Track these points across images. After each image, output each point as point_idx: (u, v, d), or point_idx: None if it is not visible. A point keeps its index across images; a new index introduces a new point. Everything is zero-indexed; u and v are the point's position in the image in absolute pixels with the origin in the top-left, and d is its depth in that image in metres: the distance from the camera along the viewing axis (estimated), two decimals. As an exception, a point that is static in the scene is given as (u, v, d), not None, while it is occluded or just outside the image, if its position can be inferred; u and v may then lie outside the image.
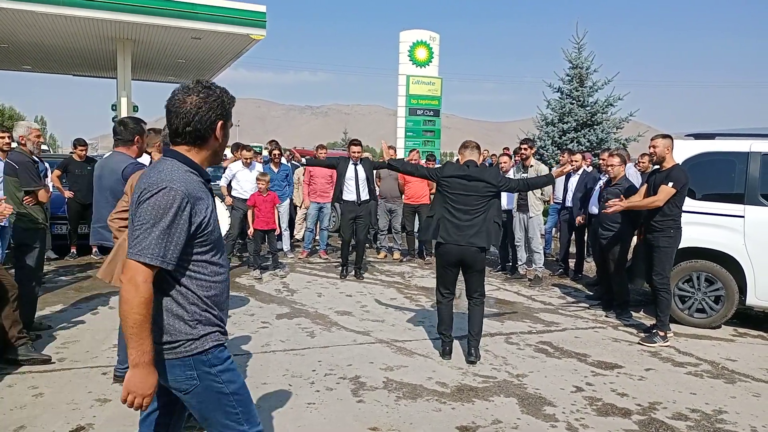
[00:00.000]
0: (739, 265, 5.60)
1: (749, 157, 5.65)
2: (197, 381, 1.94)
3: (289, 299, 6.51)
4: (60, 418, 3.47)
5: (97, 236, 4.08)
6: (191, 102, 1.94)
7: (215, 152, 2.04)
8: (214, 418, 2.00)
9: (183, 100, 1.94)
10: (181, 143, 1.98)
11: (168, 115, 1.97)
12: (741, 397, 4.15)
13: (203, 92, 1.95)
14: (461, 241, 4.54)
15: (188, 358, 1.92)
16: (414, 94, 13.91)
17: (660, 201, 5.13)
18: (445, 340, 4.79)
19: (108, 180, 3.94)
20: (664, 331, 5.28)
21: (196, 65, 15.51)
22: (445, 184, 4.66)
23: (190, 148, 1.98)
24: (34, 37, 12.41)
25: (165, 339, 1.91)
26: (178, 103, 1.95)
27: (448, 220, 4.60)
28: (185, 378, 1.94)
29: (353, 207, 7.57)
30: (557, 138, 14.40)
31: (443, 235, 4.59)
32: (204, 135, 1.97)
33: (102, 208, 3.97)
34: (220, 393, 1.98)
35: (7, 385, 3.93)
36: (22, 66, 16.74)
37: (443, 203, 4.66)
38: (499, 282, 7.81)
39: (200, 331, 1.94)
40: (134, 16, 10.80)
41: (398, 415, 3.66)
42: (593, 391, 4.15)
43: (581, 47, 14.78)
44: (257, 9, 11.68)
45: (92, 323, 5.40)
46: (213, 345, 1.96)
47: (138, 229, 1.81)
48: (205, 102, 1.95)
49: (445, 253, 4.64)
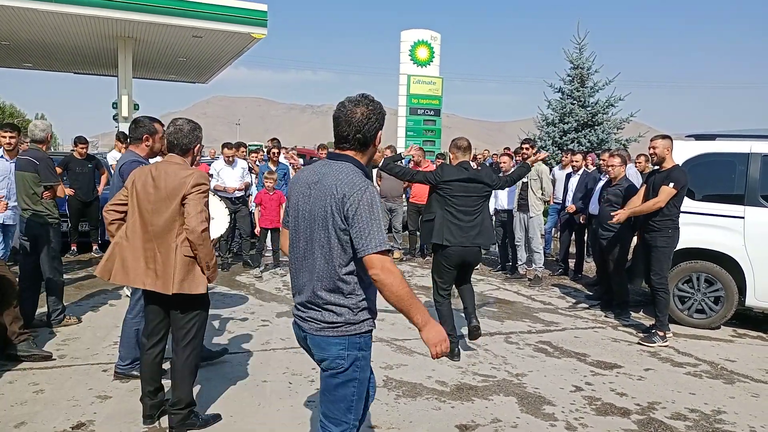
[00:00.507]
0: (738, 266, 5.61)
1: (749, 158, 5.66)
2: (345, 361, 2.20)
3: (289, 298, 6.53)
4: (60, 414, 3.48)
5: None
6: (361, 113, 2.23)
7: (371, 156, 2.34)
8: (338, 398, 2.24)
9: (353, 111, 2.23)
10: (349, 148, 2.27)
11: (338, 123, 2.26)
12: (740, 397, 4.16)
13: (370, 105, 2.25)
14: (466, 242, 4.61)
15: (345, 337, 2.19)
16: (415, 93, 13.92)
17: (661, 202, 5.14)
18: (452, 340, 4.78)
19: (116, 177, 4.03)
20: (664, 331, 5.29)
21: (197, 64, 15.53)
22: (446, 187, 4.66)
23: (356, 153, 2.27)
24: (36, 34, 12.42)
25: (332, 319, 2.19)
26: (349, 113, 2.23)
27: (451, 222, 4.62)
28: (337, 356, 2.20)
29: None
30: (558, 138, 14.41)
31: (448, 238, 4.61)
32: (367, 141, 2.26)
33: None
34: (354, 377, 2.24)
35: (8, 382, 3.94)
36: (23, 63, 16.75)
37: (444, 206, 4.66)
38: (498, 282, 7.82)
39: (360, 316, 2.21)
40: (135, 14, 10.80)
41: (398, 414, 3.67)
42: (592, 391, 4.16)
43: (582, 47, 14.79)
44: (258, 8, 11.68)
45: (93, 320, 5.41)
46: (367, 329, 2.25)
47: (365, 227, 2.08)
48: (373, 113, 2.25)
49: (450, 255, 4.65)
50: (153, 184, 3.15)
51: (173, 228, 3.13)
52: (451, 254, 4.64)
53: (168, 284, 3.10)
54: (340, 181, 2.14)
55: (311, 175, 2.26)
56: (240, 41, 12.54)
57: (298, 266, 2.30)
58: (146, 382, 3.36)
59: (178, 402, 3.27)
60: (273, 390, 3.96)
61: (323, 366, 2.25)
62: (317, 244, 2.20)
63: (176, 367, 3.28)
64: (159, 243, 3.14)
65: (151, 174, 3.18)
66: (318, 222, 2.19)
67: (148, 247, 3.16)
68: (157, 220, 3.14)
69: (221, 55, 14.24)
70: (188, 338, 3.26)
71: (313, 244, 2.22)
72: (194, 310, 3.25)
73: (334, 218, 2.13)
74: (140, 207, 3.18)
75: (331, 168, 2.20)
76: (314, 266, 2.21)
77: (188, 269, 3.13)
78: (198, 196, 3.11)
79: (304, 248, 2.26)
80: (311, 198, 2.22)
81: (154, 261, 3.15)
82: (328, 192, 2.15)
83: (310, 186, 2.24)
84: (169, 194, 3.11)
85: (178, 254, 3.11)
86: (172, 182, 3.11)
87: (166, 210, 3.12)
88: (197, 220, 3.08)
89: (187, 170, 3.17)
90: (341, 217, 2.12)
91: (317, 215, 2.19)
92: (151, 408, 3.37)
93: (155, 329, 3.34)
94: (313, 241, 2.22)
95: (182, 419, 3.27)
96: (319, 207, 2.18)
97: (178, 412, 3.26)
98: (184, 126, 3.28)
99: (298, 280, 2.30)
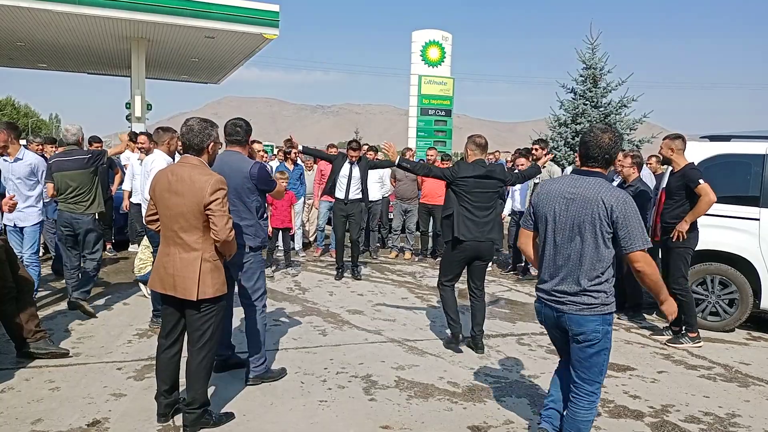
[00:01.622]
0: (753, 269, 5.56)
1: (765, 159, 5.60)
2: (599, 334, 2.82)
3: (300, 297, 6.55)
4: (76, 411, 3.52)
5: None
6: (609, 138, 2.86)
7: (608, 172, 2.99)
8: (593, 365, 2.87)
9: (602, 137, 2.86)
10: (597, 166, 2.88)
11: (588, 146, 2.88)
12: (755, 400, 4.12)
13: (615, 133, 2.88)
14: (481, 237, 4.74)
15: (600, 316, 2.81)
16: (426, 94, 13.89)
17: (711, 195, 5.00)
18: (456, 327, 4.91)
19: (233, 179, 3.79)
20: (695, 332, 5.23)
21: (209, 64, 15.63)
22: (462, 183, 4.75)
23: (603, 169, 2.90)
24: (51, 35, 12.56)
25: (590, 302, 2.80)
26: (599, 139, 2.85)
27: (467, 218, 4.73)
28: (593, 330, 2.81)
29: (341, 205, 7.45)
30: (570, 139, 14.31)
31: (464, 233, 4.72)
32: (612, 161, 2.91)
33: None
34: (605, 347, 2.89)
35: (24, 379, 3.99)
36: (38, 64, 16.94)
37: (460, 202, 4.76)
38: (510, 283, 7.79)
39: (611, 299, 2.84)
40: (149, 15, 10.90)
41: (410, 414, 3.67)
42: (605, 393, 4.13)
43: (595, 48, 14.68)
44: (270, 8, 11.74)
45: (107, 319, 5.46)
46: (614, 309, 2.87)
47: (633, 230, 2.71)
48: (619, 139, 2.90)
49: (464, 249, 4.78)
50: (170, 188, 3.16)
51: (193, 234, 3.16)
52: (466, 248, 4.77)
53: (190, 291, 3.14)
54: (603, 194, 2.75)
55: (566, 189, 2.87)
56: (252, 42, 12.61)
57: (558, 262, 2.88)
58: (162, 381, 3.39)
59: (193, 402, 3.29)
60: (285, 389, 3.98)
61: (580, 339, 2.85)
62: (585, 245, 2.79)
63: (191, 368, 3.31)
64: (179, 248, 3.18)
65: (168, 178, 3.19)
66: (584, 226, 2.78)
67: (169, 252, 3.20)
68: (176, 225, 3.16)
69: (233, 56, 14.32)
70: (203, 340, 3.28)
71: (576, 244, 2.81)
72: (210, 312, 3.27)
73: (601, 223, 2.74)
74: (161, 213, 3.22)
75: (586, 182, 2.83)
76: (578, 261, 2.81)
77: (209, 275, 3.17)
78: (220, 205, 3.12)
79: (568, 248, 2.84)
80: (571, 207, 2.82)
81: (173, 266, 3.18)
82: (594, 202, 2.75)
83: (568, 198, 2.84)
84: (187, 201, 3.12)
85: (199, 260, 3.15)
86: (190, 188, 3.12)
87: (185, 217, 3.14)
88: (225, 232, 3.14)
89: (203, 175, 3.16)
90: (608, 222, 2.73)
91: (583, 221, 2.78)
92: (165, 407, 3.40)
93: (172, 330, 3.36)
94: (576, 241, 2.81)
95: (196, 418, 3.29)
96: (584, 215, 2.77)
97: (193, 412, 3.29)
98: (195, 125, 3.26)
99: (557, 272, 2.89)
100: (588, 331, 2.81)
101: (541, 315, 3.04)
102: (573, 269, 2.82)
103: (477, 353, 4.84)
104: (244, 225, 3.90)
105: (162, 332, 3.40)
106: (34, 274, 5.24)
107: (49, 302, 5.91)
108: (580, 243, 2.80)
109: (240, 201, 3.88)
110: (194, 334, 3.29)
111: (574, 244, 2.82)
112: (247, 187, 3.89)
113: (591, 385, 2.90)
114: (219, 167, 3.86)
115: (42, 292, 6.16)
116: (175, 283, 3.17)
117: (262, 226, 4.04)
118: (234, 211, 3.87)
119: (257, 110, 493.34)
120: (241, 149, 4.03)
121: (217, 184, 3.14)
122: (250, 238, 3.95)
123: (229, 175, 3.82)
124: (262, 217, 4.04)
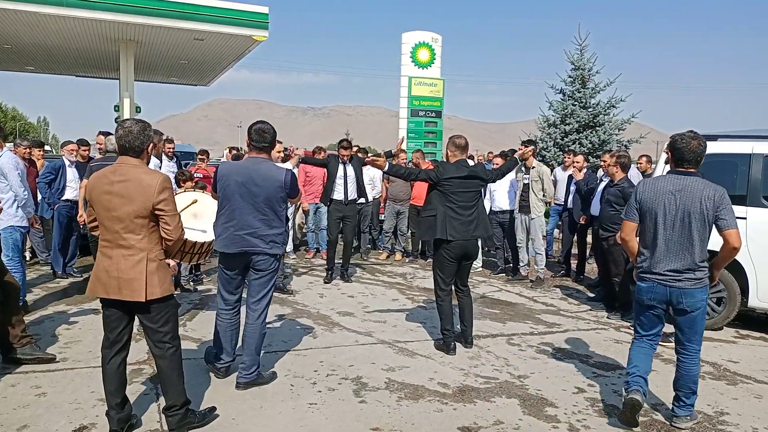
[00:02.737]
0: (741, 267, 5.60)
1: (751, 158, 5.65)
2: (704, 302, 3.51)
3: (290, 300, 6.52)
4: (63, 417, 3.48)
5: (242, 243, 3.88)
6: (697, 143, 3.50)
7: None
8: (699, 327, 3.56)
9: (691, 143, 3.49)
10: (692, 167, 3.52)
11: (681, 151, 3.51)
12: (743, 398, 4.15)
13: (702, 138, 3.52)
14: (467, 236, 4.82)
15: (704, 287, 3.49)
16: (416, 95, 13.90)
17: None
18: (450, 335, 4.91)
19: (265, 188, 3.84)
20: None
21: (198, 66, 15.54)
22: (447, 185, 4.81)
23: (696, 169, 3.54)
24: (37, 38, 12.44)
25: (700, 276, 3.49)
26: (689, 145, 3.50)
27: (452, 217, 4.78)
28: (701, 299, 3.48)
29: (341, 207, 7.42)
30: (559, 139, 14.38)
31: (452, 233, 4.77)
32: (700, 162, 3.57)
33: (248, 214, 3.85)
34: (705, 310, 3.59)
35: (10, 385, 3.94)
36: (25, 67, 16.78)
37: (445, 202, 4.81)
38: (500, 283, 7.81)
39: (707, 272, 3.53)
40: (137, 17, 10.81)
41: (400, 416, 3.67)
42: (595, 393, 4.15)
43: (583, 48, 14.77)
44: (259, 10, 11.69)
45: (95, 323, 5.40)
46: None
47: (731, 214, 3.41)
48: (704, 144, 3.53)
49: (453, 249, 4.83)
50: (112, 190, 3.04)
51: (138, 235, 3.05)
52: (454, 248, 4.82)
53: (138, 293, 3.04)
54: (708, 189, 3.42)
55: (671, 187, 3.49)
56: (241, 43, 12.55)
57: (671, 247, 3.48)
58: (112, 394, 3.21)
59: (174, 405, 3.24)
60: (275, 392, 3.96)
61: (690, 308, 3.48)
62: (694, 231, 3.42)
63: (164, 372, 3.23)
64: (123, 250, 3.06)
65: (109, 180, 3.06)
66: (694, 216, 3.41)
67: (112, 255, 3.07)
68: (119, 226, 3.05)
69: (223, 58, 14.25)
70: (167, 339, 3.23)
71: (688, 231, 3.43)
72: (163, 312, 3.19)
73: (708, 213, 3.39)
74: (101, 215, 3.09)
75: (690, 180, 3.47)
76: (690, 245, 3.44)
77: (155, 275, 3.08)
78: (170, 204, 3.07)
79: (679, 234, 3.46)
80: (679, 201, 3.45)
81: (117, 269, 3.06)
82: (701, 196, 3.40)
83: (674, 193, 3.46)
84: (134, 201, 3.02)
85: (145, 261, 3.05)
86: (136, 189, 3.02)
87: (130, 218, 3.03)
88: (178, 231, 3.09)
89: (148, 174, 3.09)
90: (713, 211, 3.38)
91: (693, 212, 3.41)
92: (118, 422, 3.22)
93: (118, 337, 3.22)
94: (688, 229, 3.43)
95: (180, 419, 3.26)
96: (693, 206, 3.41)
97: (176, 413, 3.25)
98: (134, 127, 3.12)
99: (670, 255, 3.48)
100: (698, 300, 3.47)
101: (650, 293, 3.57)
102: (685, 251, 3.45)
103: (465, 347, 4.93)
104: (274, 233, 3.88)
105: (106, 342, 3.24)
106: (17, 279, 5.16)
107: (35, 307, 5.85)
108: (689, 229, 3.43)
109: (271, 210, 3.86)
110: (155, 336, 3.21)
111: (684, 231, 3.45)
112: (279, 196, 3.87)
113: (698, 344, 3.59)
114: (248, 175, 3.85)
115: (29, 296, 6.09)
116: (121, 286, 3.05)
117: (288, 233, 4.01)
118: (264, 220, 3.86)
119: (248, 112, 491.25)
120: (267, 156, 3.98)
121: (164, 182, 3.08)
122: (278, 247, 3.93)
123: (260, 183, 3.83)
124: (287, 225, 4.02)
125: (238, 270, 4.02)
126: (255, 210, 3.84)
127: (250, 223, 3.85)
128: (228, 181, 3.88)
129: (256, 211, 3.84)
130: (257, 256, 3.91)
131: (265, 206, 3.84)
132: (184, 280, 6.77)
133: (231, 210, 3.88)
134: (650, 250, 3.56)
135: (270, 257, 3.93)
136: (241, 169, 3.90)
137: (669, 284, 3.48)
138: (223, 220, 3.92)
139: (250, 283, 4.03)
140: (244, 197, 3.84)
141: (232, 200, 3.87)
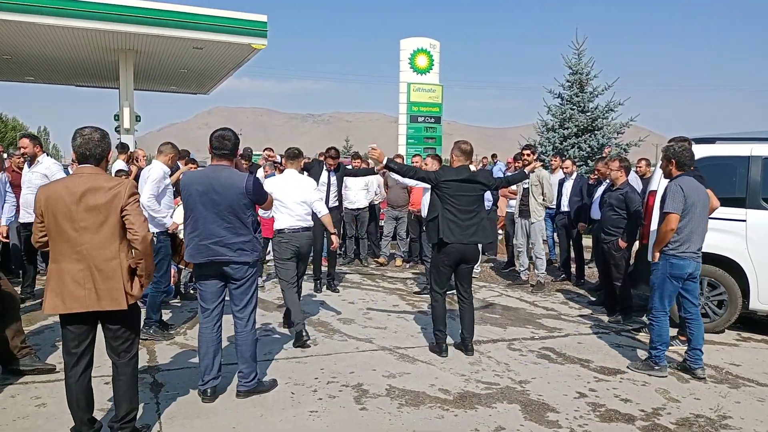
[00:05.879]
0: (741, 270, 5.59)
1: (750, 161, 5.65)
2: None
3: (291, 307, 6.50)
4: (63, 428, 3.46)
5: (207, 252, 3.83)
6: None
7: None
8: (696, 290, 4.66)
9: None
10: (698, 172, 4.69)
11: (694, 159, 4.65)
12: (745, 402, 4.13)
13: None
14: (464, 239, 4.83)
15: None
16: (415, 101, 13.93)
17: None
18: (442, 337, 4.97)
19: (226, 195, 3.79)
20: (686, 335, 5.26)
21: (198, 75, 15.60)
22: (444, 187, 4.86)
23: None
24: (37, 48, 12.50)
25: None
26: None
27: (450, 220, 4.81)
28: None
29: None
30: (558, 144, 14.41)
31: (448, 236, 4.79)
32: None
33: (212, 223, 3.80)
34: None
35: (10, 396, 3.93)
36: (25, 77, 16.85)
37: (444, 205, 4.85)
38: (501, 288, 7.80)
39: None
40: (136, 27, 10.87)
41: (401, 423, 3.65)
42: (596, 397, 4.13)
43: (581, 53, 14.83)
44: (258, 18, 11.75)
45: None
46: None
47: None
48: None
49: (450, 252, 4.85)
50: (80, 201, 2.96)
51: (113, 242, 3.01)
52: (451, 251, 4.84)
53: (119, 300, 3.01)
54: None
55: (701, 185, 4.51)
56: (240, 52, 12.60)
57: (702, 232, 4.55)
58: (81, 410, 3.14)
59: (130, 413, 3.21)
60: (275, 400, 3.95)
61: (697, 276, 4.57)
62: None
63: (125, 382, 3.20)
64: (95, 261, 2.99)
65: (74, 192, 2.97)
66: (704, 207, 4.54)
67: (82, 267, 2.99)
68: (89, 237, 2.97)
69: (222, 66, 14.31)
70: (133, 348, 3.23)
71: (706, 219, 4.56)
72: (132, 319, 3.19)
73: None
74: (67, 228, 2.97)
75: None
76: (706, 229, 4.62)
77: (129, 280, 3.06)
78: (136, 205, 3.06)
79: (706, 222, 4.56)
80: (704, 197, 4.52)
81: (92, 280, 2.98)
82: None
83: (703, 191, 4.52)
84: (107, 210, 2.97)
85: (119, 268, 3.02)
86: (105, 197, 2.98)
87: (101, 226, 2.98)
88: (144, 229, 3.05)
89: (113, 181, 3.06)
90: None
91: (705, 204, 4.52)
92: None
93: (85, 352, 3.16)
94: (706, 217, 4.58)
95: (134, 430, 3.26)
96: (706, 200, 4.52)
97: (128, 424, 3.21)
98: (94, 135, 3.07)
99: (701, 239, 4.55)
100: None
101: (688, 268, 4.46)
102: (704, 235, 4.54)
103: (466, 355, 4.91)
104: (241, 241, 3.83)
105: (71, 359, 3.14)
106: None
107: (36, 317, 5.84)
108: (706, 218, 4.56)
109: (236, 217, 3.80)
110: (121, 346, 3.17)
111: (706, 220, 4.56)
112: (243, 203, 3.81)
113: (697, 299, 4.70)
114: (208, 183, 3.80)
115: (28, 304, 6.08)
116: (99, 297, 2.99)
117: (258, 241, 3.99)
118: (229, 228, 3.81)
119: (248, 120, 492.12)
120: (228, 163, 3.91)
121: (132, 187, 3.09)
122: (247, 254, 3.88)
123: (221, 191, 3.77)
124: (256, 231, 3.97)
125: (214, 280, 3.94)
126: (219, 218, 3.78)
127: (214, 232, 3.79)
128: (189, 190, 3.83)
129: (220, 219, 3.78)
130: (229, 266, 3.86)
131: (229, 214, 3.78)
132: (185, 288, 6.76)
133: (195, 220, 3.83)
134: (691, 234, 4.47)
135: (241, 265, 3.87)
136: (201, 178, 3.86)
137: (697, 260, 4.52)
138: (189, 230, 3.89)
139: (231, 293, 3.99)
140: (206, 206, 3.79)
141: (195, 210, 3.82)
